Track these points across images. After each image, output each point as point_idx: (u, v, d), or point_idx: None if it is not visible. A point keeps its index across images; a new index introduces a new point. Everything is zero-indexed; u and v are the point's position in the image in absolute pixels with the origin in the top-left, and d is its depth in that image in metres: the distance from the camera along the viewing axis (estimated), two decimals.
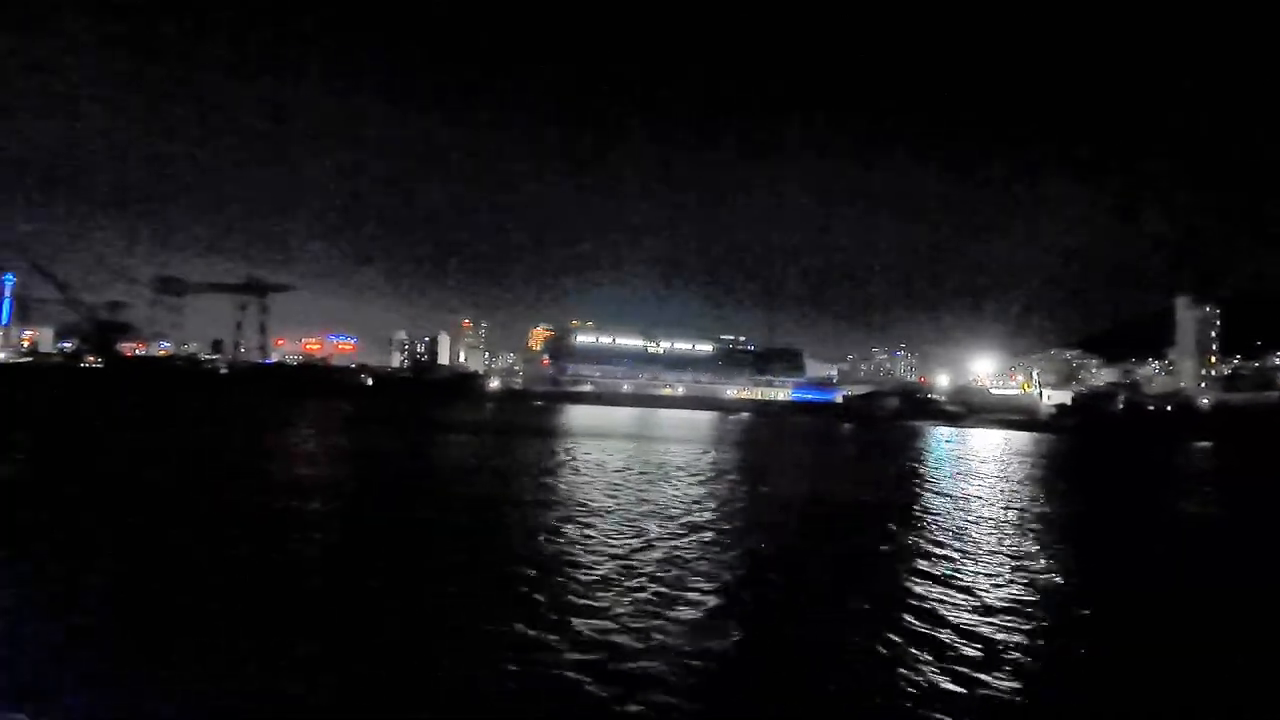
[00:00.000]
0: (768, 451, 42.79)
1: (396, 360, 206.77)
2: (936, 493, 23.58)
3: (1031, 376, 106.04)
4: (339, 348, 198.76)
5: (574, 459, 29.06)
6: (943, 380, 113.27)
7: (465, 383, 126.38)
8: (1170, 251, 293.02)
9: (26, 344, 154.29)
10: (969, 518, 18.33)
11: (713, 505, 18.62)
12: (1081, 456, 49.39)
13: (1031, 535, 16.37)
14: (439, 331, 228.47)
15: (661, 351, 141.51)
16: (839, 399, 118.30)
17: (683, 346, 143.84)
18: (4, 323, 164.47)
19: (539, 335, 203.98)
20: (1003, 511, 19.72)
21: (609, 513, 16.62)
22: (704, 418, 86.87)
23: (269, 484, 19.76)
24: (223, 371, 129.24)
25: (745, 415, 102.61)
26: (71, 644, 7.60)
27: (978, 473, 31.37)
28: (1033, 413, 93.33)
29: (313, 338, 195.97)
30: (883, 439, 58.13)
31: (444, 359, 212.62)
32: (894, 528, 16.43)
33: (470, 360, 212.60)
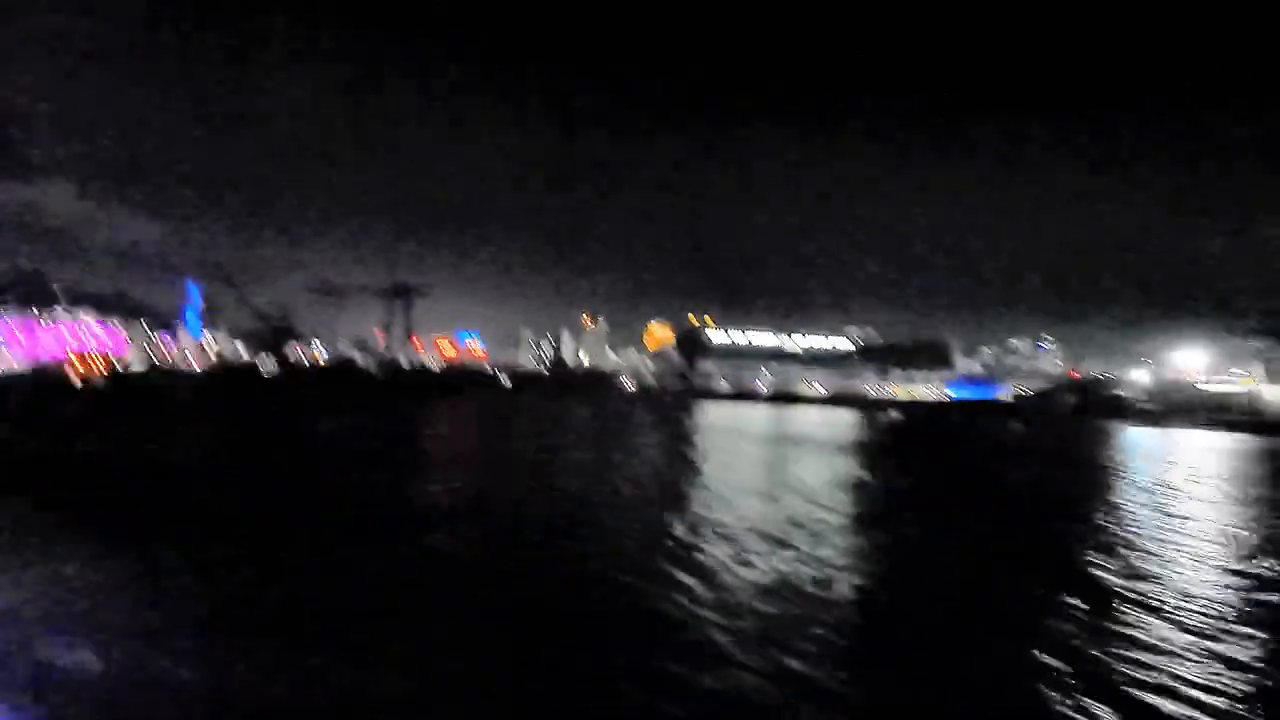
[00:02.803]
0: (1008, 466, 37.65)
1: (524, 358, 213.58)
2: None
3: (1260, 370, 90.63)
4: (470, 346, 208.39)
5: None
6: (1139, 375, 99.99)
7: (603, 381, 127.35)
8: None
9: (211, 350, 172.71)
10: None
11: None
12: None
13: None
14: (561, 328, 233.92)
15: (798, 349, 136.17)
16: (1005, 396, 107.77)
17: (819, 342, 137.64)
18: (198, 335, 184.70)
19: (656, 331, 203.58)
20: None
21: None
22: (852, 417, 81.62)
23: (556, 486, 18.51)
24: (374, 372, 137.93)
25: (895, 415, 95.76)
26: None
27: None
28: (1257, 412, 79.91)
29: (443, 336, 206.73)
30: (1089, 443, 50.86)
31: (566, 356, 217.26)
32: None
33: (594, 357, 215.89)
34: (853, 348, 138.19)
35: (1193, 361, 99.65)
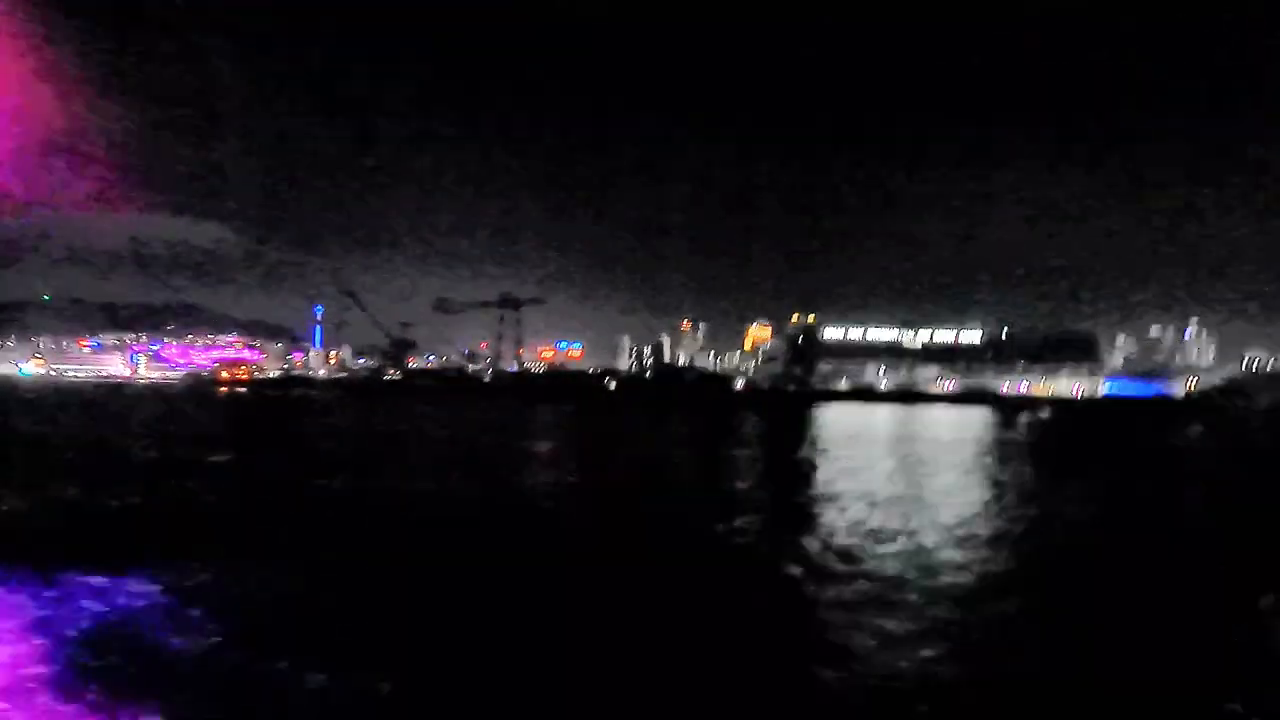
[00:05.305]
0: None
1: (624, 363, 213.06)
2: None
3: None
4: (569, 354, 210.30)
5: None
6: None
7: (713, 384, 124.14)
8: None
9: (334, 362, 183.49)
10: None
11: None
12: None
13: None
14: (661, 333, 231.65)
15: (919, 345, 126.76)
16: (1180, 393, 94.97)
17: (944, 336, 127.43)
18: (318, 345, 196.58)
19: (756, 332, 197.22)
20: None
21: None
22: (990, 418, 74.49)
23: None
24: (486, 380, 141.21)
25: (1044, 415, 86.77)
26: None
27: None
28: None
29: (545, 345, 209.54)
30: None
31: (666, 360, 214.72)
32: None
33: (696, 360, 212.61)
34: (983, 339, 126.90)
35: None
